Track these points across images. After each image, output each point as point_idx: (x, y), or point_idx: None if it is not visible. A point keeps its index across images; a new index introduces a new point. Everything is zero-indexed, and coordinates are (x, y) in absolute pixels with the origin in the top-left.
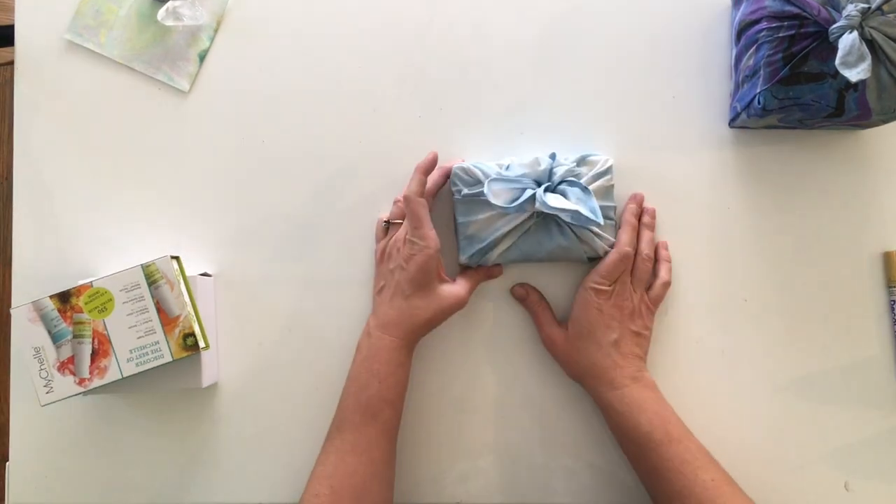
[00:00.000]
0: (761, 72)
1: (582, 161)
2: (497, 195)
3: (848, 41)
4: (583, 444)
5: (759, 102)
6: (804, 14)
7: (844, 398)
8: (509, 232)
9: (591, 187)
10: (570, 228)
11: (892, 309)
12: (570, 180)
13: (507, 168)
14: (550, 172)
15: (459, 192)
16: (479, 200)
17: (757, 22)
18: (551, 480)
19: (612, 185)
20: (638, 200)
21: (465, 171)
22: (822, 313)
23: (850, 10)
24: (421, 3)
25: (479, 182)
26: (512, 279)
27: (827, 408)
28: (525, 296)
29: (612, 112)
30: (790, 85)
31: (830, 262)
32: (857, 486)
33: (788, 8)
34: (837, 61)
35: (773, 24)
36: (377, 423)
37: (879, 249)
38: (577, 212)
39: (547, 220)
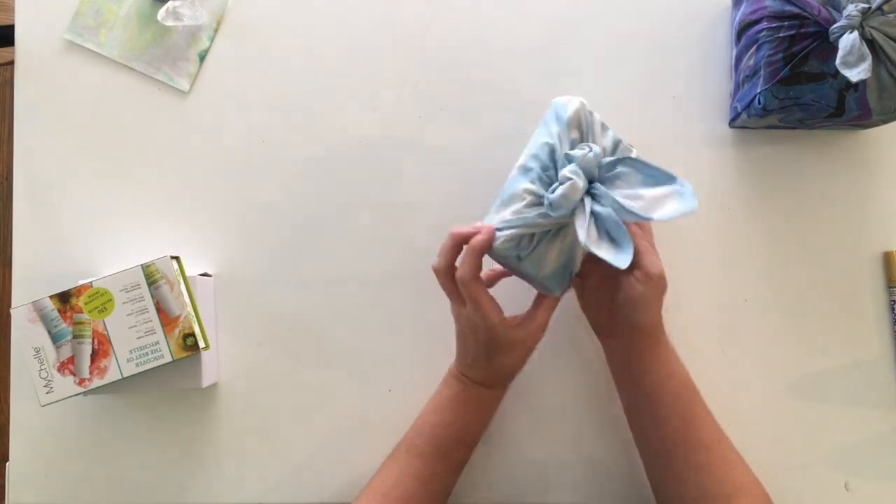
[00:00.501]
0: (762, 72)
1: (565, 126)
2: (600, 244)
3: (848, 41)
4: (578, 436)
5: (759, 102)
6: (804, 14)
7: (844, 398)
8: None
9: (597, 140)
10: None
11: (892, 309)
12: (607, 163)
13: (551, 205)
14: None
15: (518, 257)
16: (543, 244)
17: (757, 22)
18: (545, 473)
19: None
20: None
21: (508, 239)
22: (822, 313)
23: (851, 9)
24: (421, 2)
25: (523, 236)
26: None
27: (827, 408)
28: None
29: (612, 112)
30: (790, 85)
31: (830, 262)
32: (857, 486)
33: (789, 8)
34: (838, 61)
35: (774, 24)
36: (448, 461)
37: (879, 249)
38: (678, 194)
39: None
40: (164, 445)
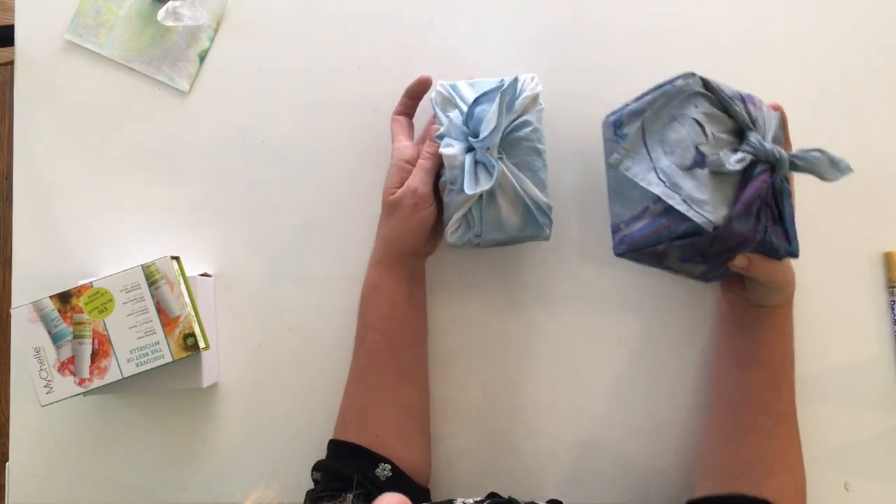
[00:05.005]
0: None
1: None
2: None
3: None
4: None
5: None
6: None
7: (844, 398)
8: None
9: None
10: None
11: (892, 309)
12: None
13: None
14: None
15: (477, 236)
16: (487, 212)
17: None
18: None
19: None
20: None
21: (455, 228)
22: (822, 313)
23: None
24: (421, 3)
25: (462, 218)
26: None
27: (827, 408)
28: (748, 265)
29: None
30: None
31: (830, 262)
32: (857, 486)
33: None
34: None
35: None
36: (363, 350)
37: (879, 249)
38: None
39: None
40: (164, 445)
